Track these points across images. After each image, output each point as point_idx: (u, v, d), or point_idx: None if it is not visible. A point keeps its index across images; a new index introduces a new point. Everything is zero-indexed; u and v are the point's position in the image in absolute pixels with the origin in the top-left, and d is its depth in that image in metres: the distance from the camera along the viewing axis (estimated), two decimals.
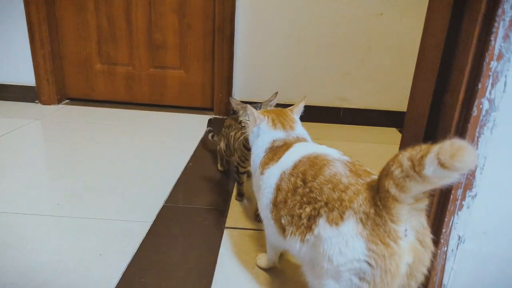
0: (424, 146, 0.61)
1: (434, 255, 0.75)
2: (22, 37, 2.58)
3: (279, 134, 1.10)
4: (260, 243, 1.37)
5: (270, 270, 1.25)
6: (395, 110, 2.71)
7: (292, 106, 1.19)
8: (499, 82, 0.68)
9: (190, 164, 1.98)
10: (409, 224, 0.70)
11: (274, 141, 1.09)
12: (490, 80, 0.68)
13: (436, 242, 0.76)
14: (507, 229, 0.79)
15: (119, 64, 2.74)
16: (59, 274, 1.16)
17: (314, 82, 2.68)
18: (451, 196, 0.77)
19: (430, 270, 0.74)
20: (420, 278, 0.75)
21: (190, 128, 2.50)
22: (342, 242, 0.74)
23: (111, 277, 1.15)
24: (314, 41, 2.57)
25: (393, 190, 0.66)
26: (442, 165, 0.56)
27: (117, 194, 1.64)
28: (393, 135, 2.59)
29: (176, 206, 1.58)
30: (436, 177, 0.59)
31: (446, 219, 0.77)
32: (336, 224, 0.75)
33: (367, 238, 0.71)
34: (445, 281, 0.83)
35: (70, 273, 1.17)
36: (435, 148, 0.58)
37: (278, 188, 0.95)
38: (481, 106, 0.70)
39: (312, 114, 1.26)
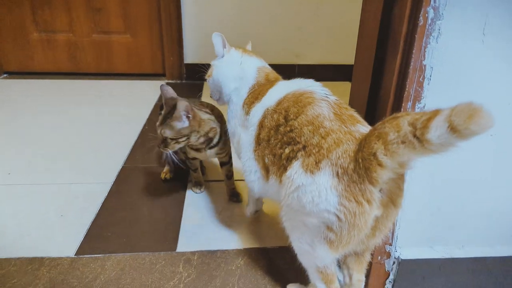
0: (431, 110, 0.55)
1: None
2: None
3: (256, 62, 1.08)
4: (224, 192, 1.38)
5: (235, 214, 1.27)
6: (350, 63, 2.76)
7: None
8: None
9: (146, 127, 1.92)
10: (386, 185, 0.69)
11: (258, 69, 1.06)
12: None
13: None
14: None
15: (58, 31, 2.54)
16: (20, 236, 1.11)
17: (267, 38, 2.65)
18: (401, 109, 0.82)
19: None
20: (385, 232, 0.76)
21: (143, 95, 2.40)
22: (315, 192, 0.72)
23: (76, 233, 1.12)
24: None
25: (380, 155, 0.62)
26: (453, 128, 0.51)
27: (72, 160, 1.56)
28: (347, 89, 2.65)
29: (135, 166, 1.54)
30: (438, 143, 0.54)
31: None
32: (311, 172, 0.74)
33: (341, 193, 0.69)
34: None
35: (31, 234, 1.12)
36: (446, 110, 0.52)
37: (261, 125, 0.92)
38: (427, 15, 0.73)
39: None
